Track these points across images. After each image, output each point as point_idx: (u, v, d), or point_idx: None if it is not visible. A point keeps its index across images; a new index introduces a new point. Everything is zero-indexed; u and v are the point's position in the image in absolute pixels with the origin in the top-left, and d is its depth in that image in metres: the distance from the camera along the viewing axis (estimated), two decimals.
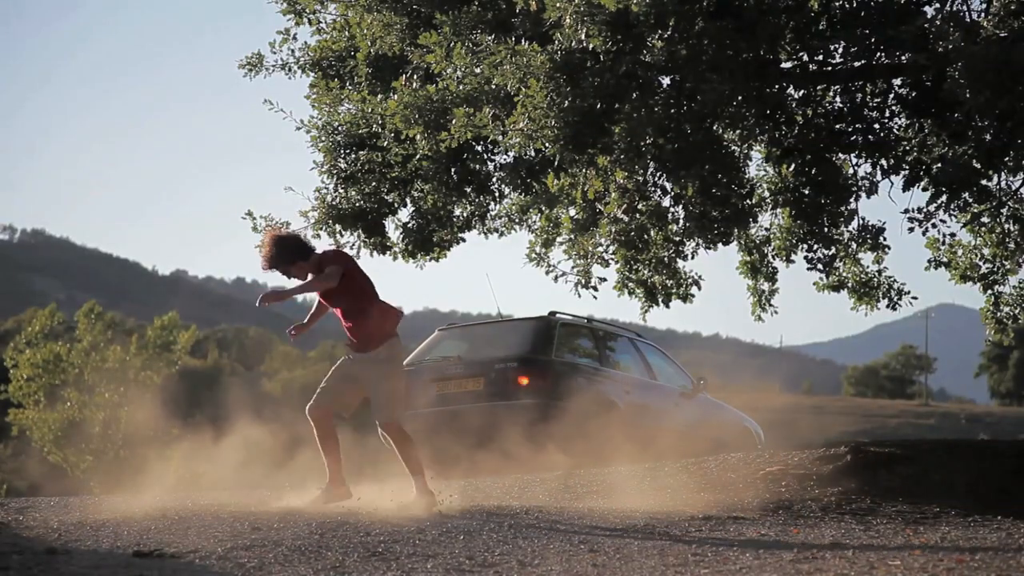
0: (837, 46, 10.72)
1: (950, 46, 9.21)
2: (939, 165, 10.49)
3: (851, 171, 11.50)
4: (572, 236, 11.24)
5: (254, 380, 79.00)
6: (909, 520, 7.80)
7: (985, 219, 11.75)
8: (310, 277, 7.85)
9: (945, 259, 12.09)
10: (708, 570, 5.35)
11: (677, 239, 11.38)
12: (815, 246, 11.72)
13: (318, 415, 7.96)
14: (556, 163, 10.20)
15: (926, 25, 9.75)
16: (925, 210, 10.85)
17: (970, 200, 10.87)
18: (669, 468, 9.85)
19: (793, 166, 11.24)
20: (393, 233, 12.35)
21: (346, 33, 12.07)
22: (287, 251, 7.88)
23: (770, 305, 12.64)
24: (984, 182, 10.66)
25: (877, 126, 11.01)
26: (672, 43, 9.65)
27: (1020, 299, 12.29)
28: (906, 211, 10.96)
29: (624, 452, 12.20)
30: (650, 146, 10.21)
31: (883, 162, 11.05)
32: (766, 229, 12.31)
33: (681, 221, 11.15)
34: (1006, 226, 11.83)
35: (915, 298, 12.13)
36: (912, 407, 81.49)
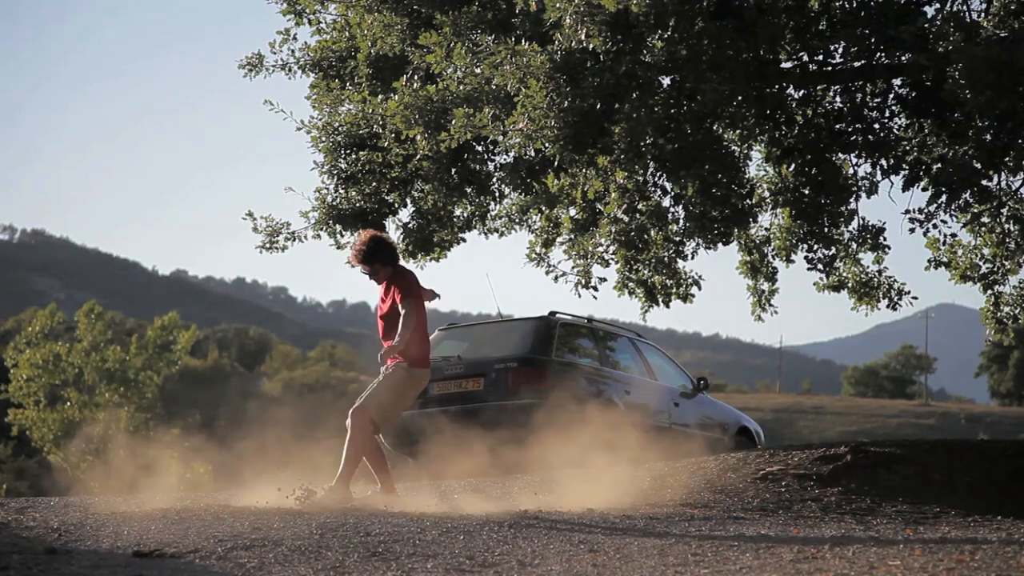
0: (837, 46, 10.73)
1: (950, 46, 9.22)
2: (939, 165, 10.49)
3: (851, 171, 11.51)
4: (572, 236, 11.24)
5: (254, 380, 79.02)
6: (909, 520, 7.80)
7: (985, 219, 11.75)
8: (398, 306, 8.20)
9: (945, 259, 12.09)
10: (708, 570, 5.35)
11: (677, 239, 11.39)
12: (815, 246, 11.73)
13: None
14: (556, 163, 10.20)
15: (926, 25, 9.75)
16: (925, 210, 10.85)
17: (970, 200, 10.87)
18: (669, 468, 9.85)
19: (793, 166, 11.25)
20: (393, 233, 12.35)
21: (346, 33, 12.08)
22: (384, 251, 8.26)
23: (770, 305, 12.65)
24: (984, 182, 10.67)
25: (877, 126, 11.01)
26: (672, 43, 9.66)
27: (1020, 299, 12.29)
28: (907, 211, 10.97)
29: (624, 452, 12.19)
30: (650, 146, 10.21)
31: (883, 162, 11.05)
32: (766, 229, 12.32)
33: (681, 221, 11.16)
34: (1006, 226, 11.83)
35: (915, 298, 12.14)
36: (912, 407, 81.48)
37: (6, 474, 44.38)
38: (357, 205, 12.05)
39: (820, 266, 11.86)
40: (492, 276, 15.92)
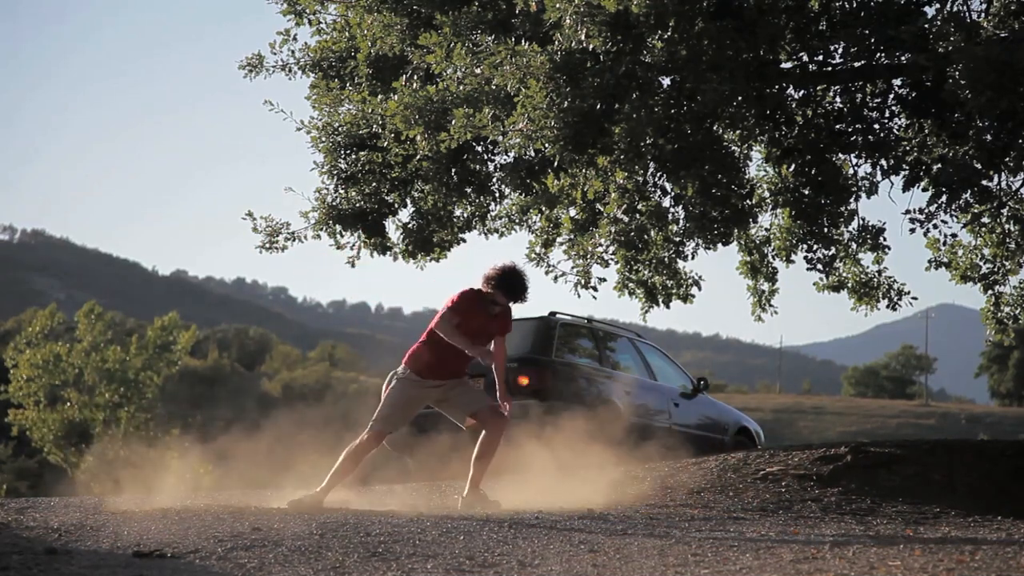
0: (837, 46, 10.73)
1: (950, 46, 9.22)
2: (939, 165, 10.49)
3: (851, 171, 11.51)
4: (572, 236, 11.24)
5: (254, 380, 79.03)
6: (909, 520, 7.80)
7: (985, 219, 11.75)
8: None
9: (945, 259, 12.10)
10: (708, 570, 5.35)
11: (677, 239, 11.38)
12: (815, 246, 11.73)
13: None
14: (556, 163, 10.20)
15: (926, 25, 9.75)
16: (925, 210, 10.86)
17: (971, 200, 10.88)
18: (669, 468, 9.85)
19: (793, 166, 11.25)
20: (393, 233, 12.36)
21: (346, 34, 12.08)
22: None
23: (770, 305, 12.65)
24: (984, 182, 10.67)
25: (877, 126, 11.01)
26: (672, 43, 9.66)
27: (1020, 299, 12.30)
28: (907, 211, 10.97)
29: (624, 453, 12.18)
30: (650, 146, 10.21)
31: (883, 162, 11.05)
32: (766, 229, 12.32)
33: (681, 221, 11.16)
34: (1006, 226, 11.84)
35: (915, 298, 12.14)
36: (912, 407, 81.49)
37: (6, 474, 44.34)
38: (357, 205, 12.05)
39: (820, 266, 11.86)
40: None
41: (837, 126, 11.10)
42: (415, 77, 11.01)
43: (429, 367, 8.20)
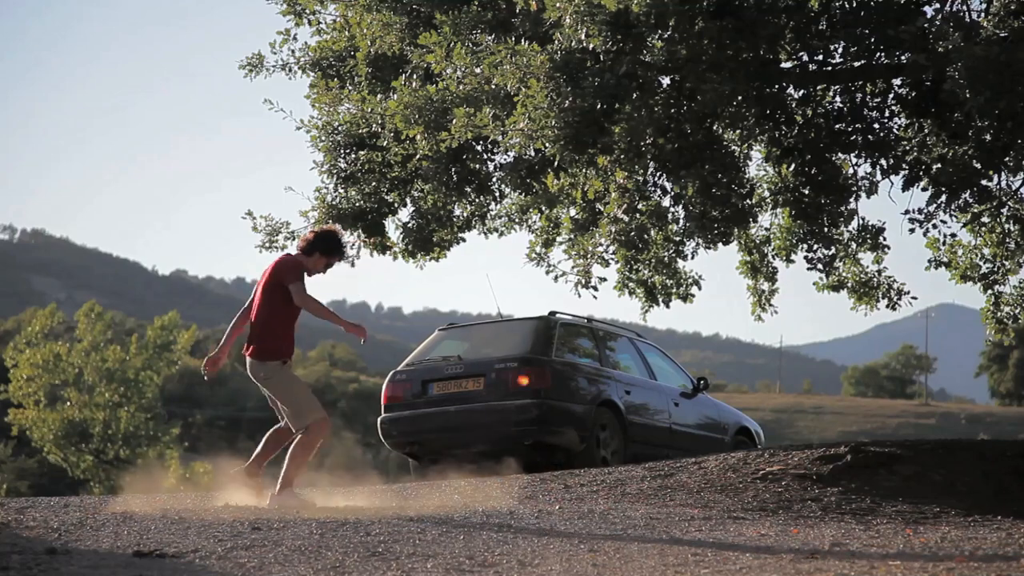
0: (837, 46, 10.73)
1: (950, 46, 9.22)
2: (939, 165, 10.50)
3: (851, 171, 11.51)
4: (572, 236, 11.25)
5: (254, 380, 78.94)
6: (909, 520, 7.81)
7: (985, 219, 11.76)
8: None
9: (945, 259, 12.10)
10: (708, 570, 5.35)
11: (677, 239, 11.39)
12: (815, 246, 11.73)
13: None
14: (556, 163, 10.20)
15: (926, 25, 9.76)
16: (925, 210, 10.86)
17: (970, 200, 10.88)
18: (669, 468, 9.85)
19: (793, 166, 11.25)
20: (393, 233, 12.37)
21: (346, 33, 12.08)
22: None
23: (770, 305, 12.66)
24: (984, 182, 10.68)
25: (877, 126, 11.02)
26: (672, 43, 9.66)
27: (1020, 299, 12.30)
28: (907, 211, 10.98)
29: (624, 452, 12.18)
30: (650, 146, 10.22)
31: (883, 162, 11.06)
32: (766, 229, 12.33)
33: (681, 221, 11.17)
34: (1006, 226, 11.84)
35: (915, 298, 12.15)
36: (912, 407, 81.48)
37: (6, 474, 44.31)
38: (357, 205, 12.05)
39: (820, 266, 11.86)
40: (492, 276, 15.87)
41: (837, 126, 11.11)
42: (415, 76, 11.01)
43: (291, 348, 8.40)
